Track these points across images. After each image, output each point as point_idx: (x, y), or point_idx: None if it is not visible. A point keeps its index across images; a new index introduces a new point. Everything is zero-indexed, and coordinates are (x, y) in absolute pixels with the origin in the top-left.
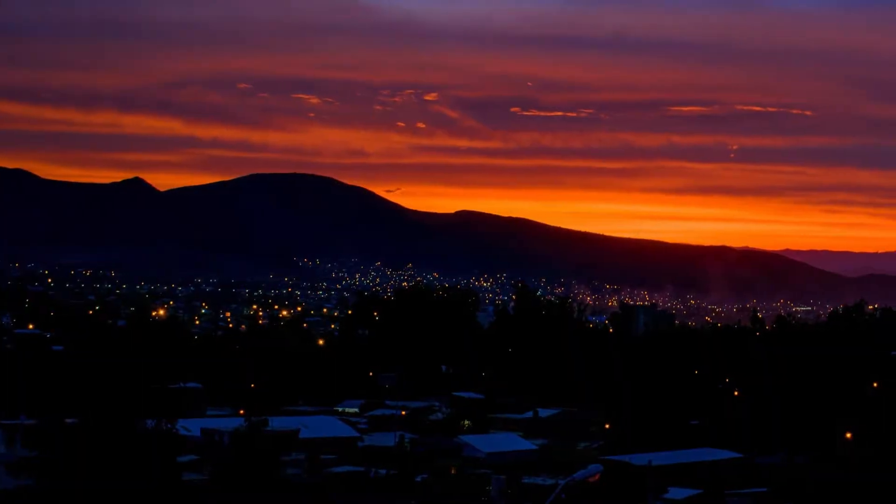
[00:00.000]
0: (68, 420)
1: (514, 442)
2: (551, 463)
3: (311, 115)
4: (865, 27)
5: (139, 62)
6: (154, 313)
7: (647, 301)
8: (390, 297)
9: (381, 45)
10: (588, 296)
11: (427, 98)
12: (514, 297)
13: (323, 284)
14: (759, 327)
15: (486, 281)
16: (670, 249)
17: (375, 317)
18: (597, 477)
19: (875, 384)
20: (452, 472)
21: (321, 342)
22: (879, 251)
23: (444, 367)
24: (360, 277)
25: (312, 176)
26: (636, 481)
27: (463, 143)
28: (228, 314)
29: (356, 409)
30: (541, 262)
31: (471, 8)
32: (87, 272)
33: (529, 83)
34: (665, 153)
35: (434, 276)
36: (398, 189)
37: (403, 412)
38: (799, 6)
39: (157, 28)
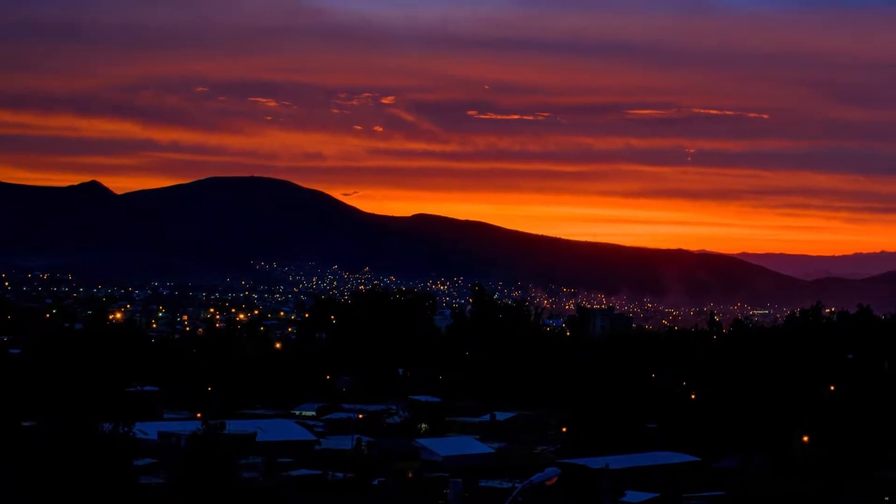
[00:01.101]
0: (25, 423)
1: (471, 445)
2: (508, 466)
3: (269, 118)
4: (822, 31)
5: (96, 66)
6: (111, 317)
7: (604, 304)
8: (347, 300)
9: (339, 49)
10: (545, 299)
11: (384, 101)
12: (470, 300)
13: (280, 288)
14: (716, 330)
15: (443, 284)
16: (627, 253)
17: (332, 320)
18: (554, 480)
19: (832, 387)
20: (409, 475)
21: (278, 346)
22: (836, 254)
23: (401, 371)
24: (317, 280)
25: (269, 179)
26: (593, 484)
27: (420, 146)
28: (186, 317)
29: (313, 413)
30: (498, 266)
31: (427, 11)
32: (43, 275)
33: (486, 86)
34: (622, 156)
35: (391, 280)
36: (355, 192)
37: (360, 415)
38: (756, 10)
39: (113, 31)
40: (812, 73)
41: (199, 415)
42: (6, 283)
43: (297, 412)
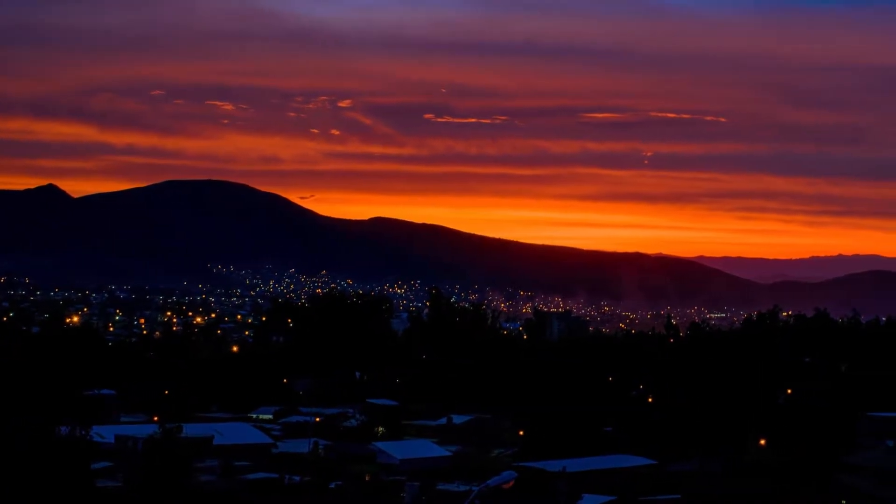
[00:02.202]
0: None
1: (427, 448)
2: (465, 469)
3: (225, 121)
4: (779, 34)
5: (52, 69)
6: (68, 320)
7: (562, 308)
8: (304, 303)
9: (295, 52)
10: (502, 302)
11: (341, 105)
12: (428, 303)
13: (237, 291)
14: (673, 334)
15: (400, 287)
16: (584, 256)
17: (289, 323)
18: (510, 483)
19: (789, 390)
20: (366, 478)
21: (235, 349)
22: (793, 258)
23: (358, 374)
24: (274, 284)
25: (226, 183)
26: (550, 488)
27: (377, 149)
28: (143, 321)
29: (270, 416)
30: (455, 269)
31: (385, 15)
32: (0, 279)
33: (443, 90)
34: (579, 160)
35: (348, 283)
36: (312, 196)
37: (317, 419)
38: (713, 14)
39: (70, 35)
40: (769, 76)
41: (156, 418)
42: None
43: (254, 415)
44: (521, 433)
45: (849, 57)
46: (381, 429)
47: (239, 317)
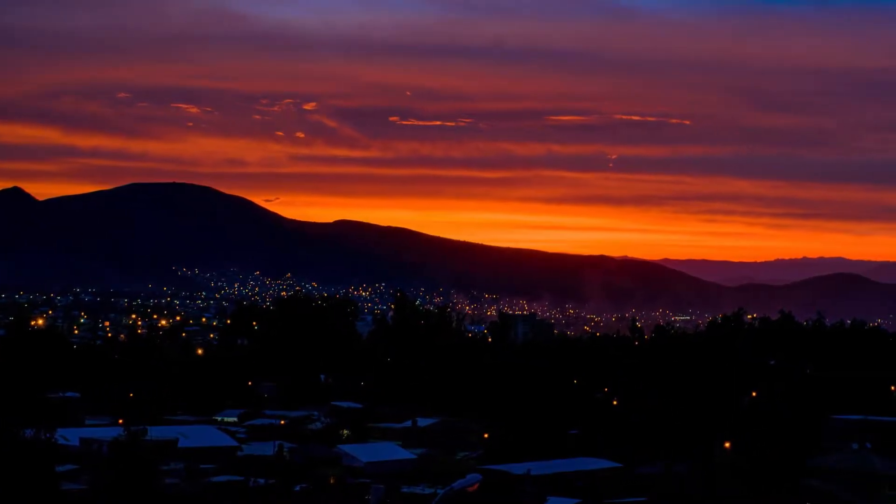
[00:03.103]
0: None
1: (393, 451)
2: (430, 472)
3: (190, 124)
4: (743, 37)
5: (16, 71)
6: (32, 323)
7: (526, 310)
8: (269, 306)
9: (260, 55)
10: (467, 305)
11: (306, 107)
12: (392, 306)
13: (202, 294)
14: (637, 336)
15: (365, 290)
16: (549, 259)
17: (254, 326)
18: (475, 486)
19: (754, 393)
20: (332, 481)
21: (200, 352)
22: (758, 260)
23: (323, 377)
24: (238, 287)
25: (191, 185)
26: (515, 491)
27: (342, 152)
28: (107, 324)
29: (235, 419)
30: (420, 272)
31: (349, 18)
32: None
33: (408, 92)
34: (544, 162)
35: (313, 286)
36: (277, 198)
37: (283, 421)
38: (678, 16)
39: (34, 37)
40: (734, 79)
41: (120, 421)
42: None
43: (219, 418)
44: (486, 436)
45: (813, 60)
46: (346, 431)
47: (204, 319)
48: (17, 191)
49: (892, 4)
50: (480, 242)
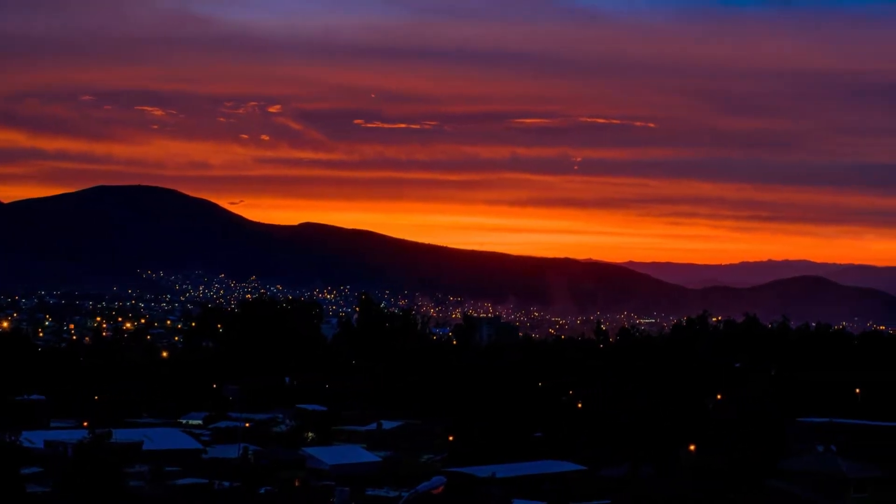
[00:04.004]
0: None
1: (357, 454)
2: (395, 475)
3: (155, 127)
4: (707, 39)
5: None
6: None
7: (491, 313)
8: (234, 309)
9: (225, 58)
10: (432, 308)
11: (271, 110)
12: (357, 308)
13: (167, 296)
14: (602, 339)
15: (330, 293)
16: (514, 261)
17: (219, 329)
18: (440, 489)
19: (719, 396)
20: (296, 484)
21: (165, 354)
22: (722, 263)
23: (287, 379)
24: (203, 289)
25: (156, 188)
26: (480, 493)
27: (307, 154)
28: (72, 326)
29: (200, 421)
30: (385, 274)
31: (314, 20)
32: None
33: (373, 95)
34: (509, 165)
35: (278, 289)
36: (242, 201)
37: (247, 424)
38: (642, 19)
39: None
40: (698, 81)
41: (85, 423)
42: None
43: (184, 421)
44: (451, 438)
45: (778, 63)
46: (310, 434)
47: (168, 322)
48: None
49: (856, 7)
50: (445, 245)
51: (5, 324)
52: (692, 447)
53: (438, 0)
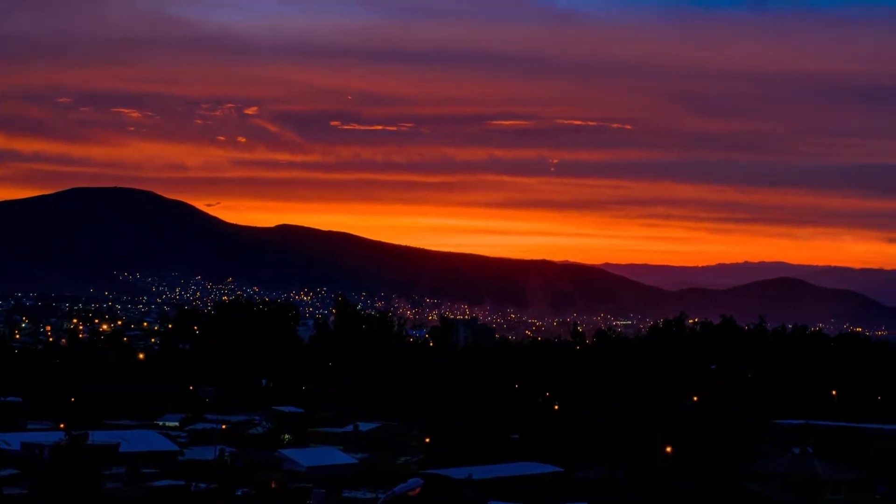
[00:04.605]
0: None
1: (334, 456)
2: (371, 477)
3: (132, 129)
4: (684, 42)
5: None
6: None
7: (468, 315)
8: (210, 311)
9: (201, 59)
10: (408, 310)
11: (247, 112)
12: (334, 310)
13: (143, 298)
14: (579, 341)
15: (306, 295)
16: (491, 263)
17: (196, 331)
18: (417, 491)
19: (695, 398)
20: (273, 486)
21: (141, 356)
22: (699, 265)
23: (264, 381)
24: (180, 291)
25: (133, 190)
26: (456, 495)
27: (283, 156)
28: (49, 328)
29: (176, 423)
30: (361, 276)
31: (290, 22)
32: None
33: (350, 97)
34: (486, 167)
35: (254, 290)
36: (218, 203)
37: (224, 426)
38: (619, 21)
39: None
40: (675, 83)
41: (62, 425)
42: None
43: (161, 423)
44: (428, 440)
45: (754, 65)
46: (287, 436)
47: (145, 324)
48: None
49: (831, 9)
50: (422, 247)
51: None
52: (668, 449)
53: (415, 2)
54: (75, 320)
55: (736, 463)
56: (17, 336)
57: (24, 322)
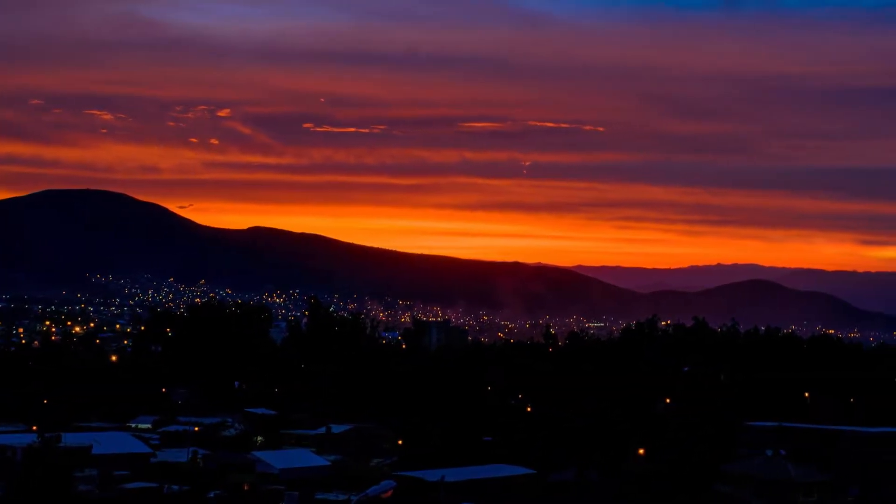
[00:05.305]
0: None
1: (306, 458)
2: (344, 478)
3: (104, 131)
4: (657, 44)
5: None
6: None
7: (440, 317)
8: (183, 313)
9: (174, 62)
10: (381, 312)
11: (220, 114)
12: (307, 313)
13: (116, 300)
14: (551, 343)
15: (279, 297)
16: (463, 265)
17: (168, 333)
18: (389, 493)
19: (668, 399)
20: (245, 487)
21: (114, 358)
22: (671, 267)
23: (237, 383)
24: (153, 293)
25: (105, 192)
26: (429, 497)
27: (256, 159)
28: (21, 330)
29: (149, 425)
30: (334, 278)
31: (263, 24)
32: None
33: (322, 99)
34: (458, 169)
35: (227, 292)
36: (191, 205)
37: (196, 428)
38: (591, 23)
39: None
40: (647, 86)
41: (34, 427)
42: None
43: (133, 425)
44: (401, 442)
45: (727, 67)
46: (259, 438)
47: (118, 326)
48: None
49: (804, 11)
50: (394, 249)
51: None
52: (641, 451)
53: (387, 5)
54: (48, 322)
55: (709, 465)
56: None
57: None
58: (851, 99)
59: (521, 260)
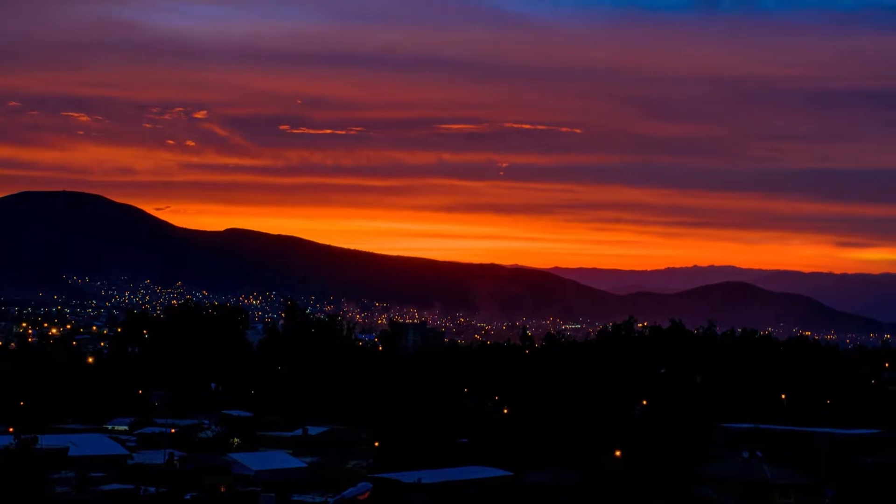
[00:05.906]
0: None
1: (283, 460)
2: (321, 481)
3: (81, 132)
4: (633, 46)
5: None
6: None
7: (417, 319)
8: (160, 314)
9: (150, 63)
10: (358, 314)
11: (196, 116)
12: (283, 314)
13: (93, 302)
14: (528, 345)
15: (255, 299)
16: (440, 267)
17: (145, 335)
18: (366, 495)
19: (644, 401)
20: (222, 490)
21: (91, 360)
22: (648, 269)
23: (213, 385)
24: (129, 295)
25: (81, 194)
26: (405, 499)
27: (232, 160)
28: None
29: (126, 427)
30: (310, 280)
31: (240, 26)
32: None
33: (299, 101)
34: (435, 171)
35: (203, 294)
36: (168, 207)
37: (173, 430)
38: (568, 26)
39: None
40: (624, 87)
41: (11, 429)
42: None
43: (110, 426)
44: (377, 444)
45: (703, 69)
46: (236, 440)
47: (94, 328)
48: None
49: (782, 14)
50: (371, 251)
51: None
52: (617, 453)
53: (364, 6)
54: (24, 324)
55: (684, 467)
56: None
57: None
58: (828, 101)
59: (497, 261)
